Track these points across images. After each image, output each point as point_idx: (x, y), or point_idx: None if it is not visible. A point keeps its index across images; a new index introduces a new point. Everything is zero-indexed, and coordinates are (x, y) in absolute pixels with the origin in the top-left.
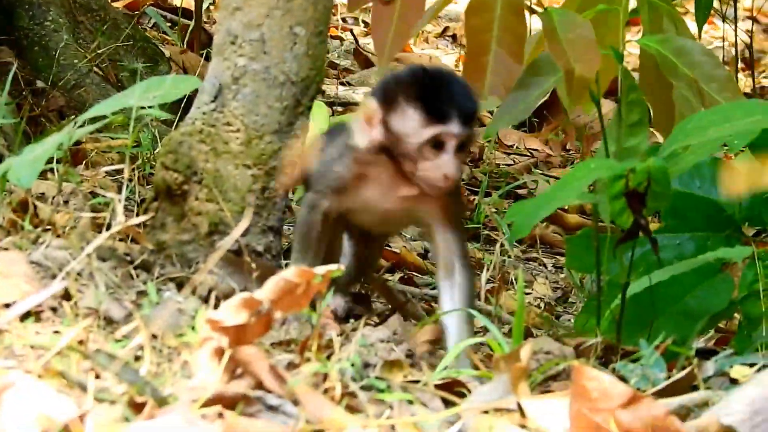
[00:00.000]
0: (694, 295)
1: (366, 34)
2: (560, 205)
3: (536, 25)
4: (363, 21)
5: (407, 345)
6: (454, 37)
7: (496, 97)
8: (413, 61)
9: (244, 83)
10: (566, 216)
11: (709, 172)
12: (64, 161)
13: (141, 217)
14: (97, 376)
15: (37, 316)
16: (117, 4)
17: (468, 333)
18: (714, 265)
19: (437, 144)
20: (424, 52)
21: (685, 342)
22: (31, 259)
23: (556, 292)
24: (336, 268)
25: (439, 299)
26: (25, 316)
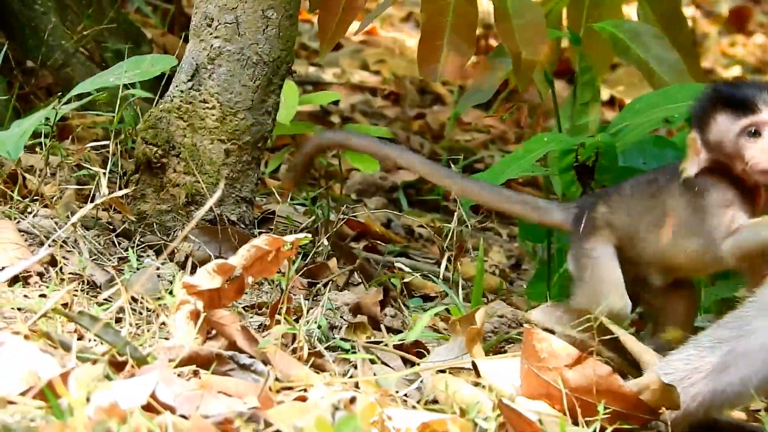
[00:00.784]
0: None
1: None
2: (513, 175)
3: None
4: None
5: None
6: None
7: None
8: (380, 44)
9: (219, 63)
10: (520, 189)
11: (653, 149)
12: (51, 136)
13: (123, 190)
14: (81, 337)
15: (24, 280)
16: None
17: None
18: None
19: (754, 133)
20: (389, 35)
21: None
22: (19, 227)
23: (510, 260)
24: (303, 236)
25: None
26: (13, 281)
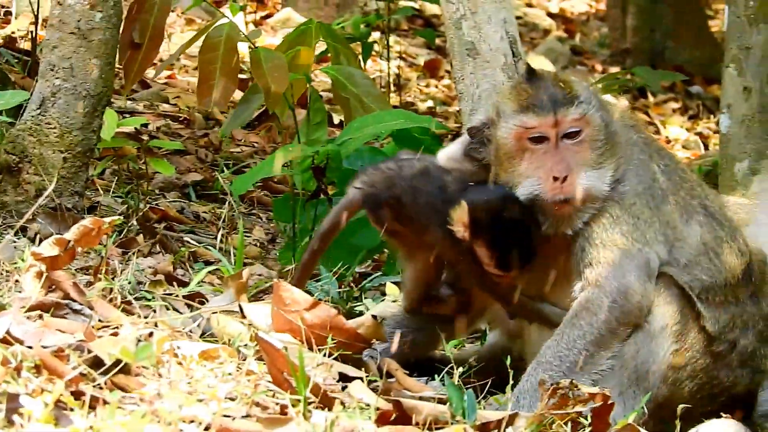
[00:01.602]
0: (357, 237)
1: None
2: (267, 174)
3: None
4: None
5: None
6: None
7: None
8: (177, 85)
9: (59, 96)
10: (274, 185)
11: (368, 155)
12: None
13: None
14: None
15: None
16: None
17: None
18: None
19: None
20: (184, 78)
21: (350, 267)
22: None
23: (268, 236)
24: (117, 218)
25: None
26: None
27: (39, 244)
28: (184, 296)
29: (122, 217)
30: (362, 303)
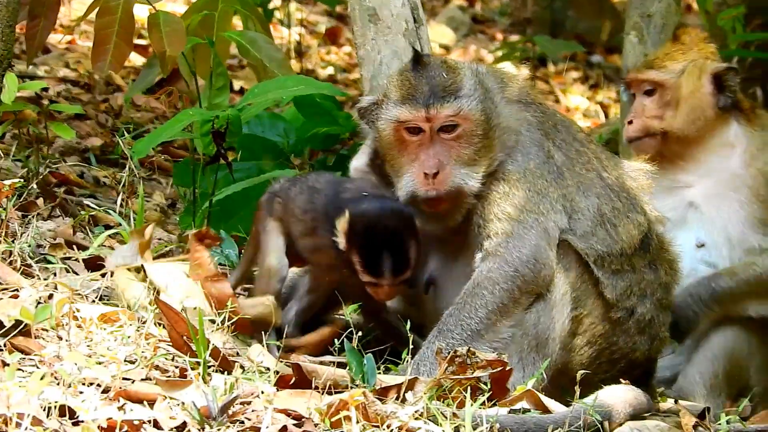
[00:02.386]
0: (257, 202)
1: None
2: (167, 138)
3: None
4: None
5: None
6: None
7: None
8: (78, 50)
9: None
10: (174, 150)
11: (268, 121)
12: None
13: None
14: None
15: None
16: None
17: None
18: (270, 182)
19: None
20: (84, 44)
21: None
22: None
23: (168, 201)
24: (17, 181)
25: None
26: None
27: None
28: (83, 259)
29: (22, 181)
30: None
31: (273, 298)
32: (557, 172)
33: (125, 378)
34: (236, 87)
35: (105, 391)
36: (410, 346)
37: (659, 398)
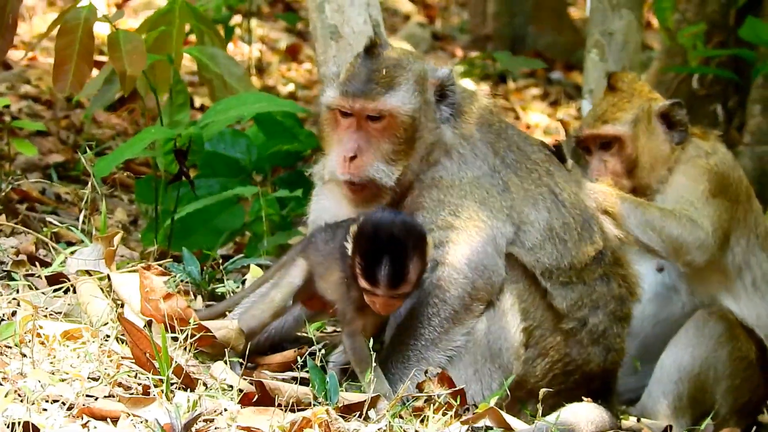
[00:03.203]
0: (219, 219)
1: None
2: (130, 156)
3: None
4: None
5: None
6: None
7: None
8: (40, 67)
9: None
10: (137, 168)
11: (230, 138)
12: None
13: None
14: None
15: None
16: None
17: None
18: (232, 199)
19: None
20: (46, 60)
21: (212, 248)
22: None
23: (130, 218)
24: None
25: None
26: None
27: None
28: (46, 276)
29: None
30: (224, 285)
31: (237, 323)
32: (502, 185)
33: (89, 395)
34: (197, 104)
35: (69, 408)
36: (373, 364)
37: (621, 416)
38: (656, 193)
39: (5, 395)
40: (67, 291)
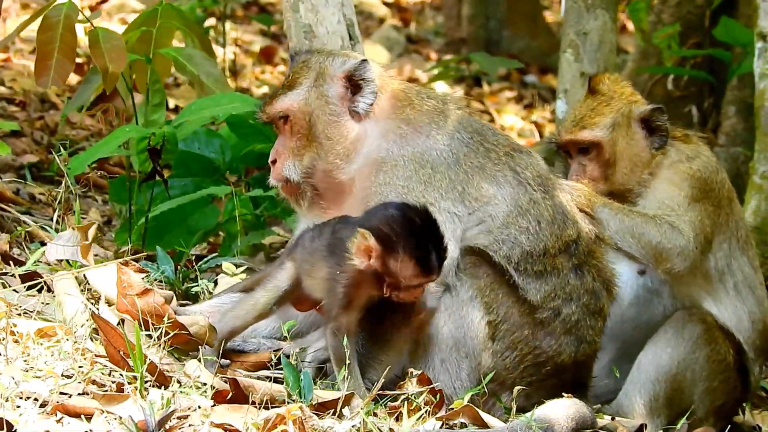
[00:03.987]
0: (193, 219)
1: None
2: (104, 155)
3: None
4: None
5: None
6: None
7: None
8: (13, 68)
9: None
10: (110, 168)
11: (204, 138)
12: None
13: None
14: None
15: None
16: None
17: None
18: (206, 199)
19: None
20: (20, 62)
21: (186, 248)
22: None
23: (104, 218)
24: None
25: None
26: None
27: None
28: (20, 275)
29: None
30: (198, 284)
31: (208, 319)
32: (452, 158)
33: (62, 392)
34: (171, 105)
35: (42, 405)
36: (347, 362)
37: (596, 415)
38: (638, 198)
39: None
40: (41, 290)
